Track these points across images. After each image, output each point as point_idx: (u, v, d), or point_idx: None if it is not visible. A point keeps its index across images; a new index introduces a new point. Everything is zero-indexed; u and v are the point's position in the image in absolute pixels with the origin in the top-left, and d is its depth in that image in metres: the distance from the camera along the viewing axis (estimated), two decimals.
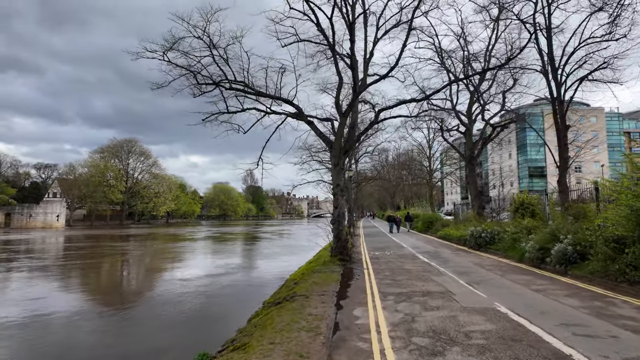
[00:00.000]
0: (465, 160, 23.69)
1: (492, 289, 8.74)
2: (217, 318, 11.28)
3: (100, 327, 11.00)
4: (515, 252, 14.19)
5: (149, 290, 16.25)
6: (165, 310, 12.40)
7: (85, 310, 12.76)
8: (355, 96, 14.05)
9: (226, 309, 12.35)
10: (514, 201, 17.36)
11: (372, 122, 14.52)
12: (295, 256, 25.76)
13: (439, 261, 13.85)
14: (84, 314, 12.20)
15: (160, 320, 11.48)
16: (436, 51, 22.99)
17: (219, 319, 11.12)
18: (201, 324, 10.76)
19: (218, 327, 10.17)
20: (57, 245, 38.27)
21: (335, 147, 14.63)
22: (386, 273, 11.43)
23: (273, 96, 14.81)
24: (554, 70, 15.19)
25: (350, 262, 13.80)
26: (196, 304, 12.89)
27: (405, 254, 16.66)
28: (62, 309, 12.66)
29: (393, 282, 9.94)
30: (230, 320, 10.33)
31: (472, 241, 17.77)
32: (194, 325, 10.75)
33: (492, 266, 12.45)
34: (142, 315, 12.18)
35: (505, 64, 14.32)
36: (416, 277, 10.51)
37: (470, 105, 23.92)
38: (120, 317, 12.03)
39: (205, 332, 9.87)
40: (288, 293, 9.11)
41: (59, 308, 12.75)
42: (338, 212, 14.45)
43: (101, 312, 12.68)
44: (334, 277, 10.81)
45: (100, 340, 9.94)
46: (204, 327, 10.49)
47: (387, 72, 13.11)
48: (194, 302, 13.05)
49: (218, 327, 10.28)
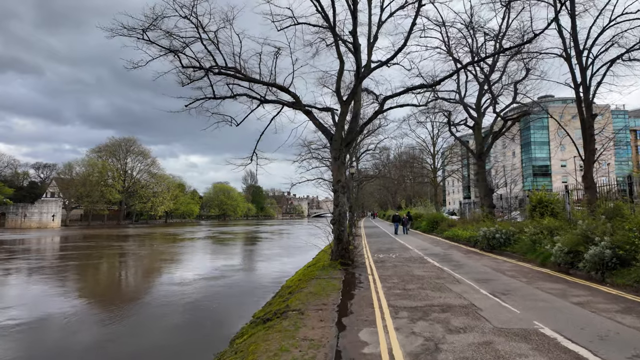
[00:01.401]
0: (475, 156, 22.25)
1: (524, 302, 7.32)
2: (197, 339, 9.41)
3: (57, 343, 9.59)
4: (536, 254, 12.77)
5: (128, 302, 13.98)
6: (145, 328, 10.83)
7: (48, 323, 11.36)
8: (359, 81, 12.61)
9: (212, 323, 10.79)
10: (530, 199, 15.92)
11: (377, 110, 13.10)
12: (293, 258, 24.37)
13: (451, 265, 12.42)
14: (47, 327, 10.80)
15: (133, 345, 9.32)
16: (443, 40, 21.57)
17: (199, 340, 9.38)
18: (178, 351, 9.00)
19: (194, 351, 8.66)
20: (45, 246, 36.88)
21: (336, 138, 13.21)
22: (394, 280, 10.01)
23: (267, 83, 13.39)
24: (578, 52, 13.70)
25: (352, 267, 12.39)
26: (179, 320, 11.16)
27: (412, 256, 15.24)
28: (28, 318, 11.27)
29: (404, 292, 8.51)
30: (212, 340, 8.83)
31: (484, 242, 16.34)
32: (169, 353, 9.00)
33: (514, 271, 11.03)
34: (109, 341, 9.72)
35: (522, 45, 12.78)
36: (430, 286, 9.08)
37: (480, 97, 22.46)
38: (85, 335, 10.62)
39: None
40: (281, 306, 7.70)
41: (27, 318, 11.36)
42: (339, 211, 13.03)
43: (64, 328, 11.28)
44: (334, 285, 9.39)
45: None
46: (180, 354, 8.90)
47: (394, 53, 11.69)
48: (178, 318, 11.39)
49: (195, 350, 8.77)
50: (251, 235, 50.08)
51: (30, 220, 70.76)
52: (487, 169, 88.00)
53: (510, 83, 20.99)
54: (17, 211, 70.60)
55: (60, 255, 27.74)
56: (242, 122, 15.37)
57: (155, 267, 22.49)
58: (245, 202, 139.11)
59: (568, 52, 14.18)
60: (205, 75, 13.06)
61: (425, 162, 44.36)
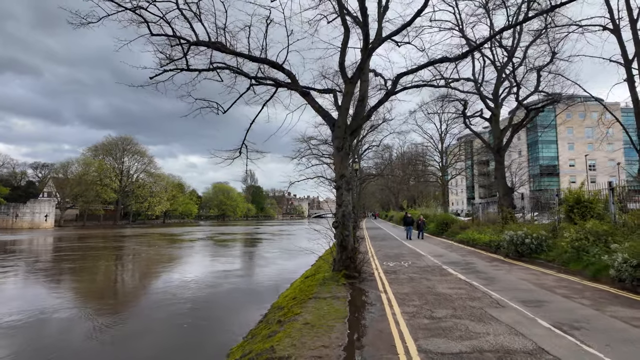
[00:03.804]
0: (493, 150, 19.98)
1: (612, 343, 5.08)
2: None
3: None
4: (582, 265, 10.51)
5: (83, 327, 11.81)
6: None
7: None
8: (367, 54, 10.35)
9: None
10: (566, 198, 13.63)
11: (389, 91, 10.84)
12: (290, 262, 22.09)
13: (480, 279, 10.15)
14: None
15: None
16: (457, 22, 19.30)
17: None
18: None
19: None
20: (31, 247, 34.64)
21: (339, 125, 10.95)
22: (415, 301, 7.75)
23: (257, 58, 11.15)
24: (632, 22, 11.43)
25: (359, 280, 10.13)
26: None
27: (428, 265, 12.99)
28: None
29: (432, 322, 6.25)
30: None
31: (510, 248, 14.06)
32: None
33: (563, 288, 8.76)
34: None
35: (556, 7, 10.36)
36: (466, 312, 6.82)
37: (498, 85, 20.18)
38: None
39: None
40: (264, 346, 5.44)
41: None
42: (343, 212, 10.78)
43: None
44: (338, 310, 7.13)
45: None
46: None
47: (411, 18, 9.42)
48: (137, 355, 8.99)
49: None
50: (249, 236, 47.80)
51: (22, 220, 68.55)
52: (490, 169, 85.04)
53: (534, 68, 18.69)
54: (9, 211, 68.37)
55: (32, 261, 25.48)
56: (229, 108, 13.20)
57: (135, 276, 20.23)
58: (245, 202, 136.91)
59: (616, 23, 11.92)
60: (185, 54, 10.79)
61: (433, 159, 42.02)
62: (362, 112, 11.57)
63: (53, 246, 35.54)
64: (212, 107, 12.92)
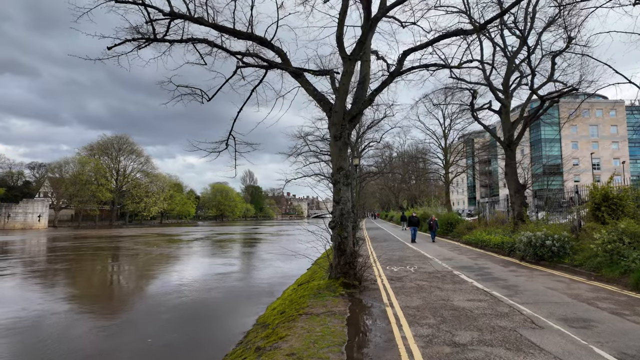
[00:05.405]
0: (503, 145, 18.50)
1: None
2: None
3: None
4: (619, 271, 9.07)
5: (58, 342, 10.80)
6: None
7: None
8: (370, 26, 8.89)
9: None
10: (592, 195, 12.16)
11: (394, 71, 9.37)
12: (286, 263, 20.61)
13: (501, 288, 8.69)
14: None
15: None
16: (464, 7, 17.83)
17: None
18: None
19: None
20: (16, 248, 33.15)
21: (337, 109, 9.49)
22: (428, 318, 6.28)
23: (243, 33, 9.69)
24: None
25: (359, 290, 8.67)
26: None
27: (436, 270, 11.52)
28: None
29: (456, 352, 4.79)
30: None
31: (528, 251, 12.59)
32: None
33: (607, 301, 7.30)
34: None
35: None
36: (495, 336, 5.35)
37: (508, 75, 18.71)
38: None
39: None
40: None
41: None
42: (341, 210, 9.32)
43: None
44: (334, 333, 5.65)
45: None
46: None
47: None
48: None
49: None
50: (247, 237, 46.29)
51: (15, 220, 67.01)
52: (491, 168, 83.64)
53: (547, 54, 17.23)
54: (0, 211, 66.85)
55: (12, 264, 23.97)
56: (214, 96, 11.79)
57: (119, 284, 18.77)
58: (243, 202, 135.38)
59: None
60: (153, 28, 9.33)
61: (436, 156, 40.51)
62: (363, 95, 10.10)
63: (38, 249, 34.02)
64: (196, 95, 11.59)
